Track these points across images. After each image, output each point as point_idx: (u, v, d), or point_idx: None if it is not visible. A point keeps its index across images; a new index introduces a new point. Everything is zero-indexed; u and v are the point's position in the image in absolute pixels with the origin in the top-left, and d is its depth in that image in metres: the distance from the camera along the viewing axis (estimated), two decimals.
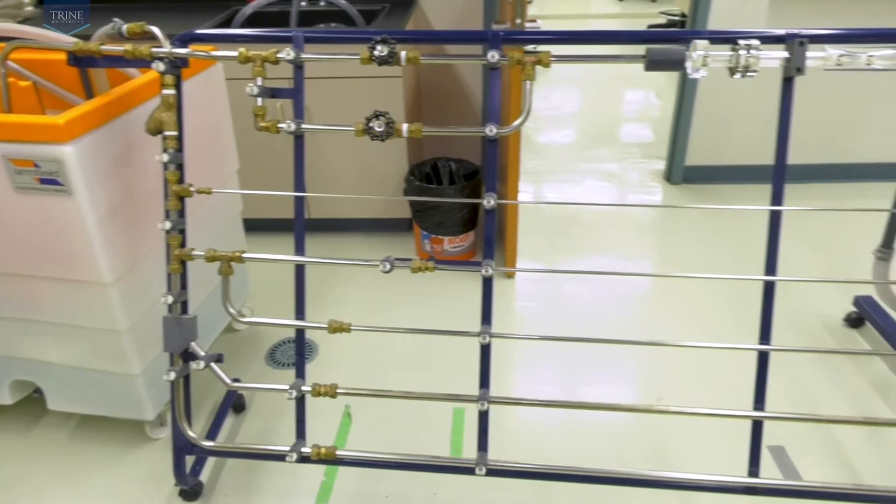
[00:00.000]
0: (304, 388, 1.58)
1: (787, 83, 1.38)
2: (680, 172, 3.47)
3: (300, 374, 1.61)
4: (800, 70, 1.34)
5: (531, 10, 7.40)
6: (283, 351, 2.34)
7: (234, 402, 2.05)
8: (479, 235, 2.92)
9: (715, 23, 3.06)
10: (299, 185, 1.52)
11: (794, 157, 3.33)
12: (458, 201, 2.65)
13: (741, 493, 1.54)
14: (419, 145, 3.19)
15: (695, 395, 2.10)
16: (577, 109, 4.80)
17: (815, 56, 1.34)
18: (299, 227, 1.54)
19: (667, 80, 5.08)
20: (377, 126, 1.42)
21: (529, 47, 1.64)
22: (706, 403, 2.05)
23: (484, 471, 1.54)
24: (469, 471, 1.54)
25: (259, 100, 1.45)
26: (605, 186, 3.56)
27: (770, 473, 1.80)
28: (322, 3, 2.88)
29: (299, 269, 1.57)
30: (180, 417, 1.64)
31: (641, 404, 2.07)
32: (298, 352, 1.62)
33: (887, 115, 3.25)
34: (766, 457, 1.85)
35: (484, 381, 1.55)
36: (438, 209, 2.68)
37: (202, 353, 1.59)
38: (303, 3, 2.86)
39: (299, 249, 1.55)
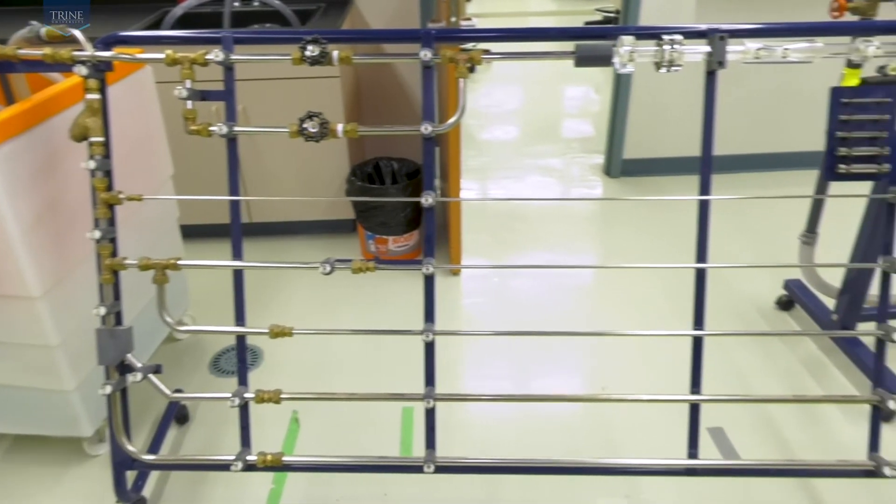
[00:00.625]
0: (246, 395, 1.55)
1: (710, 77, 1.43)
2: (618, 166, 3.55)
3: (242, 382, 1.58)
4: (721, 63, 1.40)
5: (470, 9, 7.44)
6: (228, 359, 2.29)
7: (177, 414, 2.00)
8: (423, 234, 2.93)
9: (646, 19, 3.13)
10: (234, 188, 1.49)
11: (725, 148, 3.44)
12: (399, 200, 2.65)
13: (682, 475, 1.60)
14: (361, 145, 3.17)
15: (639, 382, 2.16)
16: (519, 106, 4.86)
17: (735, 50, 1.40)
18: (236, 231, 1.52)
19: (604, 77, 5.18)
20: (311, 127, 1.41)
21: (469, 45, 1.65)
22: (649, 390, 2.11)
23: (432, 468, 1.54)
24: (417, 469, 1.55)
25: (189, 103, 1.42)
26: (548, 181, 3.62)
27: (711, 454, 1.87)
28: (256, 4, 2.83)
29: (237, 275, 1.54)
30: (118, 432, 1.59)
31: (586, 394, 2.12)
32: (240, 358, 1.59)
33: (807, 107, 3.39)
34: (708, 439, 1.91)
35: (429, 378, 1.55)
36: (381, 209, 2.67)
37: (139, 365, 1.55)
38: (236, 4, 2.81)
39: (237, 254, 1.52)
